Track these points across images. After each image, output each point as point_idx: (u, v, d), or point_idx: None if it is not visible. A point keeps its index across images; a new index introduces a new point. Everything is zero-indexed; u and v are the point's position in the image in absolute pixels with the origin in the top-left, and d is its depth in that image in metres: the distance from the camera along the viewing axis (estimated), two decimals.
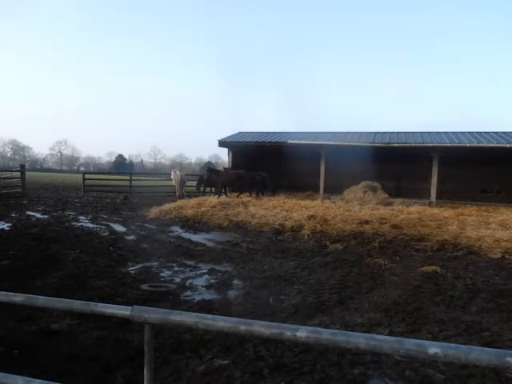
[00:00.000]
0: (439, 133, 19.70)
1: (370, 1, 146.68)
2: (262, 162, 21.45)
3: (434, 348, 1.27)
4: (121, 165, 79.70)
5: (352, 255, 7.78)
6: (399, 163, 19.36)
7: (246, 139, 21.16)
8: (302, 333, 1.41)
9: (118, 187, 22.35)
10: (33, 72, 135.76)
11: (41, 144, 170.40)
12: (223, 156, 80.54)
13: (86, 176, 22.18)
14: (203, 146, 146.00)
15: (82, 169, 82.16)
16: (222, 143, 21.20)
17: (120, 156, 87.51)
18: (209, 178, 18.89)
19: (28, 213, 13.09)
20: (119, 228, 10.70)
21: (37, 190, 23.55)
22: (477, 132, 19.22)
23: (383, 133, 20.78)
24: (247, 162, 20.79)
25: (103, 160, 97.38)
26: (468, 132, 19.39)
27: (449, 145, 16.50)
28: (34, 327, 3.95)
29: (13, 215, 12.37)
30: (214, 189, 19.50)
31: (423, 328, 4.23)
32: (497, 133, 18.56)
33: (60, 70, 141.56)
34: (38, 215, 12.63)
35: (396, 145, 17.27)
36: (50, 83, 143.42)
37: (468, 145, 16.25)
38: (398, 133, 20.43)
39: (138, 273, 6.28)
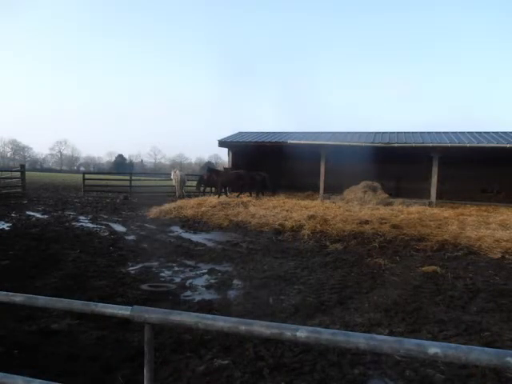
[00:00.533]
0: (439, 133, 19.70)
1: (370, 1, 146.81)
2: (262, 162, 21.45)
3: (433, 348, 1.27)
4: (121, 165, 79.72)
5: (352, 255, 7.78)
6: (399, 163, 19.36)
7: (246, 139, 21.16)
8: (302, 333, 1.41)
9: (118, 187, 22.35)
10: (33, 72, 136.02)
11: (41, 144, 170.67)
12: (223, 156, 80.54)
13: (86, 176, 22.17)
14: (203, 146, 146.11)
15: (82, 169, 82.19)
16: (221, 143, 21.20)
17: (120, 156, 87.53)
18: (209, 177, 18.89)
19: (28, 213, 13.09)
20: (119, 228, 10.70)
21: (37, 189, 23.55)
22: (477, 132, 19.22)
23: (383, 133, 20.78)
24: (247, 162, 20.79)
25: (103, 160, 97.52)
26: (468, 132, 19.39)
27: (449, 145, 16.50)
28: (34, 327, 3.94)
29: (13, 215, 12.37)
30: (214, 189, 19.50)
31: (423, 328, 4.23)
32: (497, 133, 18.56)
33: (60, 70, 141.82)
34: (38, 215, 12.63)
35: (396, 145, 17.27)
36: (50, 83, 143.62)
37: (468, 145, 16.25)
38: (398, 133, 20.44)
39: (138, 273, 6.28)
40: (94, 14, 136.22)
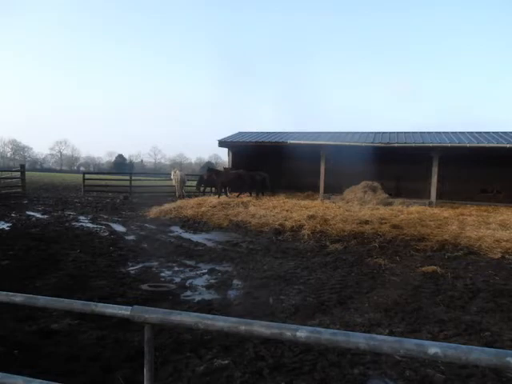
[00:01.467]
0: (439, 133, 19.69)
1: (370, 1, 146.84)
2: (262, 162, 21.42)
3: (434, 348, 1.27)
4: (121, 165, 79.71)
5: (352, 255, 7.78)
6: (399, 163, 19.35)
7: (245, 139, 21.15)
8: (302, 333, 1.41)
9: (118, 187, 22.34)
10: (33, 72, 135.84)
11: (41, 144, 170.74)
12: (223, 156, 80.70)
13: (86, 176, 22.15)
14: (203, 146, 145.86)
15: (81, 169, 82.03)
16: (221, 143, 21.19)
17: (120, 156, 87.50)
18: (209, 177, 18.88)
19: (28, 213, 13.08)
20: (119, 228, 10.70)
21: (37, 189, 23.55)
22: (477, 132, 19.21)
23: (383, 133, 20.77)
24: (247, 162, 20.77)
25: (103, 160, 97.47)
26: (468, 132, 19.39)
27: (449, 145, 16.50)
28: (34, 327, 3.94)
29: (13, 215, 12.37)
30: (214, 189, 19.50)
31: (423, 328, 4.23)
32: (497, 133, 18.56)
33: (60, 70, 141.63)
34: (38, 215, 12.63)
35: (396, 145, 17.27)
36: (50, 83, 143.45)
37: (468, 145, 16.24)
38: (398, 133, 20.43)
39: (138, 273, 6.28)
40: (94, 14, 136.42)
